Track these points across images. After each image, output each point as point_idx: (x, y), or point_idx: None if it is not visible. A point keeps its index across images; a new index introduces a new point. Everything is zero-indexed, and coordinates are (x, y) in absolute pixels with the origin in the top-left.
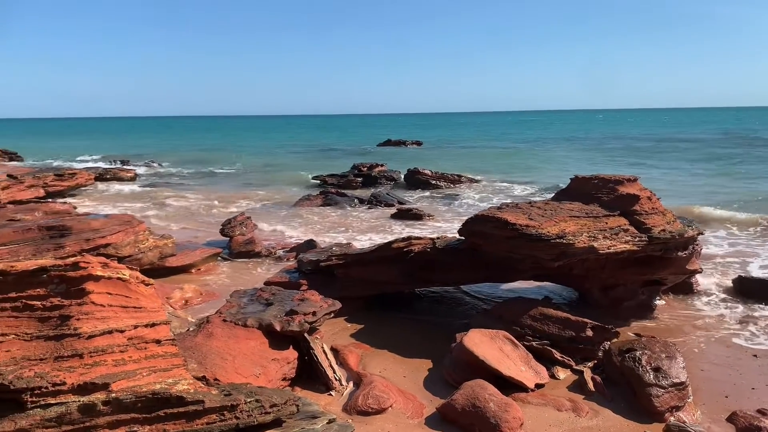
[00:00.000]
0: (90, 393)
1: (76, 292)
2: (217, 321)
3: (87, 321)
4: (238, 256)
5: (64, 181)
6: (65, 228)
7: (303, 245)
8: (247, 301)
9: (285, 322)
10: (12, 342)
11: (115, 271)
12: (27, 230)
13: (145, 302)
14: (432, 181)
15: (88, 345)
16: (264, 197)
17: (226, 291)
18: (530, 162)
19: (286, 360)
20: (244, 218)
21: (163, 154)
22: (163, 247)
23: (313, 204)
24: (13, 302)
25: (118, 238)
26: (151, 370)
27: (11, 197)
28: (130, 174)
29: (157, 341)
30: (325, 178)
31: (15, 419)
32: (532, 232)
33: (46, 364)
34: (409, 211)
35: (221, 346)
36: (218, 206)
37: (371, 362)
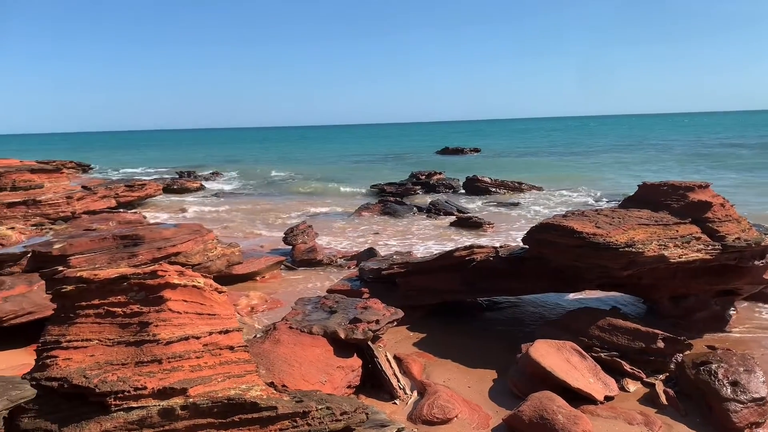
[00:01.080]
0: (169, 397)
1: (154, 299)
2: (283, 328)
3: (165, 327)
4: (300, 264)
5: (134, 191)
6: (138, 237)
7: (363, 254)
8: (312, 309)
9: (349, 330)
10: (95, 347)
11: (190, 279)
12: (103, 239)
13: (219, 309)
14: (492, 189)
15: (167, 351)
16: (323, 206)
17: (289, 298)
18: (590, 169)
19: (351, 368)
20: (305, 227)
21: (226, 164)
22: (230, 255)
23: (371, 212)
24: (96, 309)
25: (188, 246)
26: (225, 375)
27: (86, 207)
28: (196, 184)
29: (230, 348)
30: (384, 187)
31: (100, 421)
32: (600, 241)
33: (127, 369)
34: (469, 220)
35: (288, 353)
36: (280, 215)
37: (435, 371)
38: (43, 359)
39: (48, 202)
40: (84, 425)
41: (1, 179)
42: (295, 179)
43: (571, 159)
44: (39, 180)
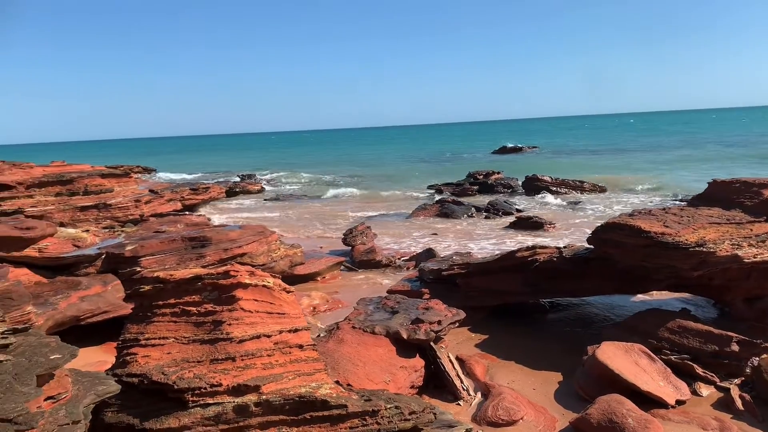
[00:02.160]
0: (243, 394)
1: (227, 298)
2: (346, 327)
3: (237, 326)
4: (359, 264)
5: (199, 194)
6: (206, 239)
7: (422, 254)
8: (373, 309)
9: (411, 330)
10: (172, 345)
11: (260, 278)
12: (172, 241)
13: (288, 308)
14: (552, 188)
15: (240, 349)
16: (381, 207)
17: (350, 299)
18: (653, 167)
19: (414, 368)
20: (364, 228)
21: (285, 167)
22: (292, 256)
23: (429, 213)
24: (172, 308)
25: (253, 248)
26: (296, 373)
27: (153, 210)
28: (257, 187)
29: (300, 346)
30: (441, 187)
31: (179, 417)
32: (669, 240)
33: (203, 366)
34: (529, 220)
35: (352, 352)
36: (338, 216)
37: (498, 373)
38: (124, 356)
39: (118, 205)
40: (163, 420)
41: (75, 184)
42: (352, 180)
43: (631, 156)
44: (109, 184)
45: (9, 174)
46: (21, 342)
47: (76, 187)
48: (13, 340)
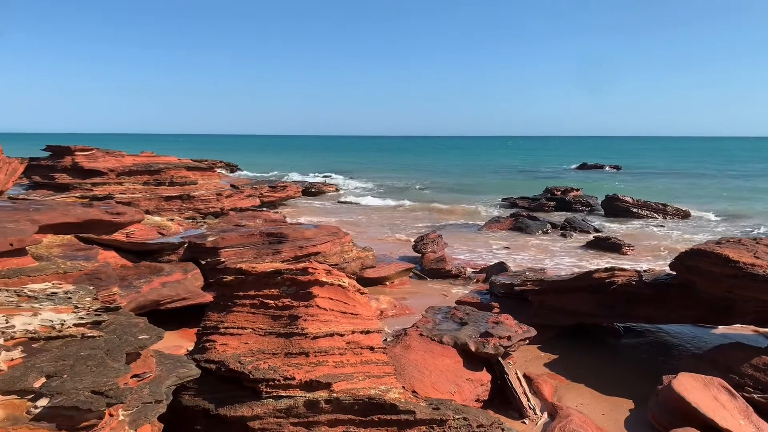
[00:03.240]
0: (314, 390)
1: (304, 294)
2: (414, 334)
3: (312, 322)
4: (429, 273)
5: (277, 192)
6: (283, 235)
7: (493, 267)
8: (442, 319)
9: (480, 343)
10: (249, 335)
11: (336, 278)
12: (251, 235)
13: (361, 309)
14: (633, 210)
15: (313, 345)
16: (453, 216)
17: (418, 306)
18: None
19: (480, 381)
20: (435, 236)
21: (361, 171)
22: (364, 258)
23: (502, 226)
24: (252, 299)
25: (326, 247)
26: (366, 375)
27: (233, 204)
28: (332, 188)
29: (371, 348)
30: (516, 201)
31: (252, 406)
32: (759, 272)
33: (277, 359)
34: (607, 240)
35: (418, 360)
36: (410, 222)
37: (567, 395)
38: (203, 342)
39: (200, 197)
40: (237, 408)
41: (162, 174)
42: (426, 188)
43: (718, 182)
44: (194, 177)
45: (102, 161)
46: (112, 320)
47: (163, 178)
48: (106, 318)
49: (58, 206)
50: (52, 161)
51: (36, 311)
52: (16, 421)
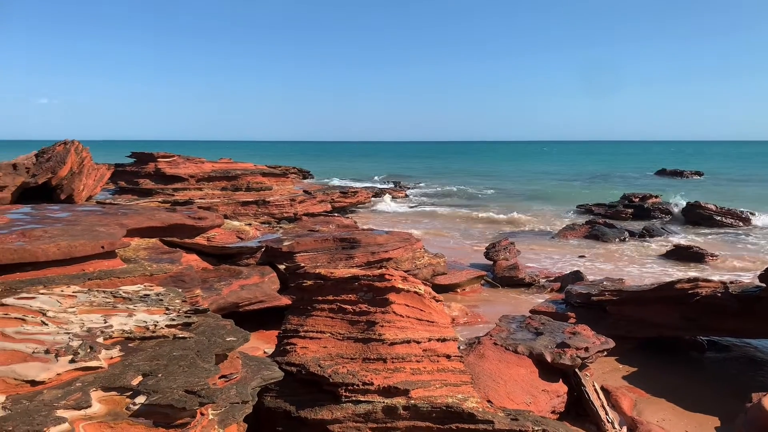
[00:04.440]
0: (393, 396)
1: (380, 300)
2: (488, 343)
3: (389, 328)
4: (501, 280)
5: (348, 198)
6: (355, 241)
7: (568, 276)
8: (516, 328)
9: (556, 354)
10: (328, 339)
11: (413, 285)
12: (324, 240)
13: (437, 317)
14: (716, 218)
15: (391, 351)
16: (526, 223)
17: (490, 314)
18: None
19: (556, 393)
20: (507, 243)
21: (431, 177)
22: (435, 265)
23: (578, 234)
24: (330, 304)
25: (398, 253)
26: (443, 383)
27: (305, 210)
28: (401, 194)
29: (447, 356)
30: (591, 207)
31: (332, 410)
32: None
33: (355, 364)
34: (689, 249)
35: (493, 369)
36: (481, 229)
37: (647, 409)
38: (284, 345)
39: (275, 203)
40: (317, 411)
41: (239, 180)
42: (496, 194)
43: None
44: (269, 183)
45: (183, 167)
46: (201, 322)
47: (240, 183)
48: (195, 320)
49: (144, 211)
50: (136, 167)
51: (131, 312)
52: (117, 416)
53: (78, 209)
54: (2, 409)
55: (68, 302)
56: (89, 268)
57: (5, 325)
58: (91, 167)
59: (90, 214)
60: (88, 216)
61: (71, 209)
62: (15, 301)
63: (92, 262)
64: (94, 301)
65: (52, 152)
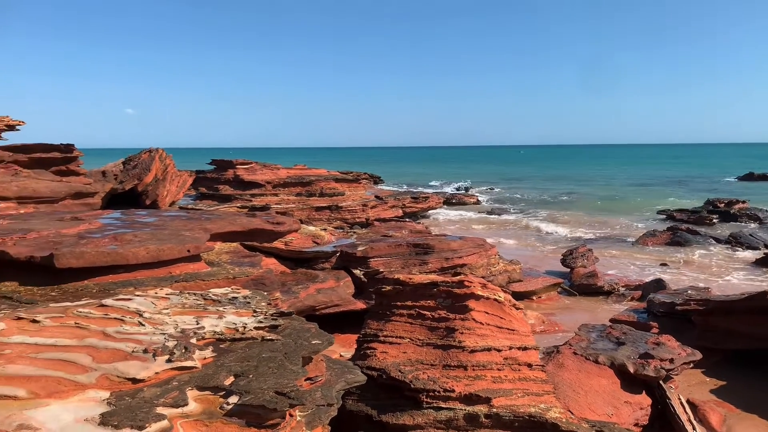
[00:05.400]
0: (474, 404)
1: (460, 307)
2: (567, 352)
3: (469, 336)
4: (578, 288)
5: (418, 203)
6: (429, 246)
7: (650, 284)
8: (596, 337)
9: (639, 365)
10: (408, 345)
11: (492, 292)
12: (398, 245)
13: (517, 325)
14: None
15: (471, 358)
16: (603, 229)
17: (567, 322)
18: None
19: (639, 405)
20: (585, 250)
21: (502, 181)
22: (511, 272)
23: (658, 241)
24: (409, 310)
25: (472, 259)
26: (524, 392)
27: (377, 215)
28: (472, 199)
29: (528, 365)
30: (673, 213)
31: (413, 415)
32: None
33: (436, 370)
34: None
35: (572, 379)
36: (556, 235)
37: (738, 425)
38: (364, 349)
39: (347, 208)
40: (399, 416)
41: (313, 186)
42: (571, 199)
43: None
44: (341, 188)
45: (260, 174)
46: (287, 325)
47: (314, 189)
48: (281, 322)
49: (226, 216)
50: (216, 174)
51: (221, 314)
52: (212, 415)
53: (164, 214)
54: (107, 405)
55: (162, 304)
56: (176, 270)
57: (106, 324)
58: (174, 174)
59: (175, 219)
60: (173, 221)
61: (158, 214)
62: (114, 302)
63: (179, 265)
64: (186, 303)
65: (138, 160)
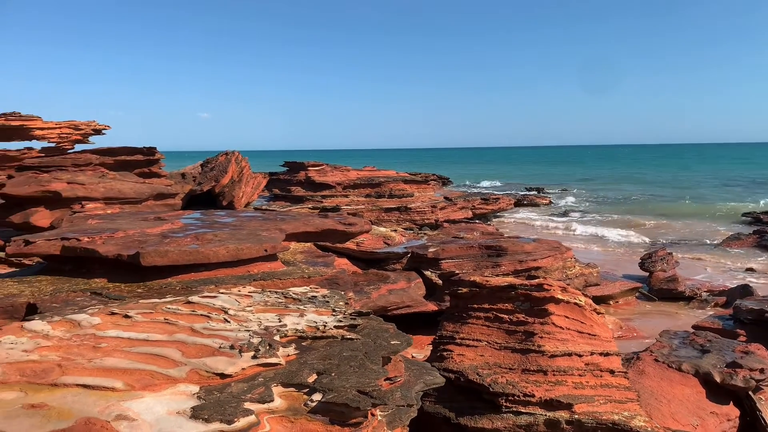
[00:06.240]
0: (555, 410)
1: (539, 311)
2: (648, 359)
3: (549, 340)
4: (658, 293)
5: (489, 204)
6: (502, 248)
7: (736, 290)
8: (679, 344)
9: (726, 374)
10: (485, 348)
11: (572, 296)
12: (470, 247)
13: (598, 330)
14: None
15: (551, 363)
16: (685, 232)
17: (646, 328)
18: None
19: (727, 416)
20: (665, 253)
21: (575, 182)
22: (588, 275)
23: (744, 244)
24: (486, 312)
25: (547, 262)
26: (606, 399)
27: (446, 216)
28: (545, 201)
29: (611, 371)
30: (759, 216)
31: (492, 419)
32: None
33: (514, 374)
34: None
35: (654, 387)
36: (633, 237)
37: None
38: (440, 351)
39: (416, 209)
40: (477, 419)
41: (382, 187)
42: (648, 200)
43: None
44: (410, 189)
45: (331, 175)
46: (365, 324)
47: (383, 190)
48: (360, 322)
49: (300, 216)
50: (288, 176)
51: (302, 312)
52: (296, 412)
53: (241, 215)
54: (197, 399)
55: (245, 302)
56: (254, 269)
57: (194, 321)
58: (249, 176)
59: (252, 220)
60: (250, 221)
61: (235, 215)
62: (200, 299)
63: (256, 264)
64: (268, 301)
65: (215, 162)
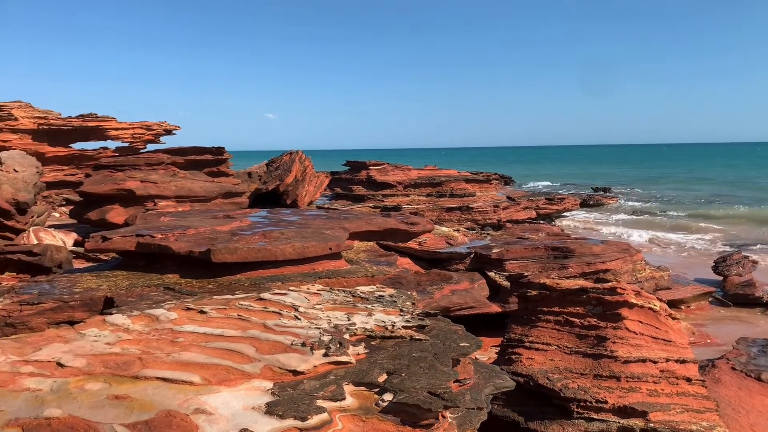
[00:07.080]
0: (629, 417)
1: (611, 315)
2: (724, 367)
3: (622, 345)
4: (732, 298)
5: (554, 204)
6: (568, 250)
7: None
8: (758, 352)
9: None
10: (554, 352)
11: (647, 300)
12: (535, 248)
13: (674, 336)
14: None
15: (624, 369)
16: (759, 234)
17: (721, 335)
18: None
19: None
20: (740, 257)
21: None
22: (658, 279)
23: None
24: (556, 316)
25: (616, 265)
26: (683, 407)
27: (509, 216)
28: (611, 201)
29: (687, 379)
30: None
31: (562, 424)
32: None
33: (586, 380)
34: None
35: (731, 396)
36: (705, 240)
37: None
38: (508, 354)
39: (478, 209)
40: (547, 424)
41: (443, 186)
42: (718, 201)
43: None
44: (472, 189)
45: (392, 175)
46: (434, 325)
47: (444, 190)
48: (428, 323)
49: (363, 215)
50: (350, 175)
51: (370, 311)
52: (368, 411)
53: (306, 213)
54: (271, 395)
55: (315, 299)
56: (319, 267)
57: (266, 317)
58: (312, 175)
59: (316, 218)
60: (315, 220)
61: (300, 213)
62: (271, 296)
63: (321, 262)
64: (337, 299)
65: (279, 162)
